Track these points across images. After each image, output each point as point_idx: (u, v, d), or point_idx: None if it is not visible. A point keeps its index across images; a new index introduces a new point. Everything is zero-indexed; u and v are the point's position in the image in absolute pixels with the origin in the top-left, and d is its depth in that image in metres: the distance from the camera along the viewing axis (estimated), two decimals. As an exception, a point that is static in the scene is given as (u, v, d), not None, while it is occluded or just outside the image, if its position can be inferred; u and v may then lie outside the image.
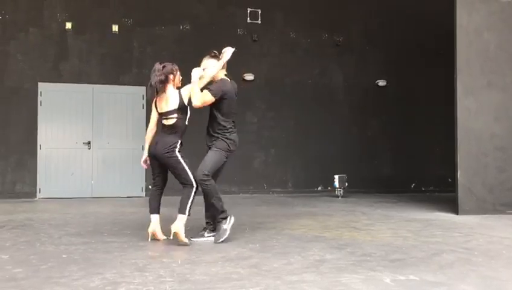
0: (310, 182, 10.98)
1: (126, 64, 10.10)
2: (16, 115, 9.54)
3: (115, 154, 9.98)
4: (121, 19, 10.10)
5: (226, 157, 4.87)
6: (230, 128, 4.89)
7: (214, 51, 4.98)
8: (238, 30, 10.75)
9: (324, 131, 11.09)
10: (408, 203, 8.87)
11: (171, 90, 4.79)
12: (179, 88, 4.83)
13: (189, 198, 4.65)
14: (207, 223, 5.03)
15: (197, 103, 4.70)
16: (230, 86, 4.95)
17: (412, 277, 3.48)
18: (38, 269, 3.70)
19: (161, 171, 4.85)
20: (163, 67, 4.76)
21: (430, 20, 11.36)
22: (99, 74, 10.01)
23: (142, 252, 4.34)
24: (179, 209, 4.65)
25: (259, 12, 10.87)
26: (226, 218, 4.80)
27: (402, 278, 3.46)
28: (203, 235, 4.95)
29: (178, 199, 4.73)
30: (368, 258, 4.12)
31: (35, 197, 9.53)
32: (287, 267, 3.77)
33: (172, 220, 4.74)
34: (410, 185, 11.55)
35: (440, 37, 11.01)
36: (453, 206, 7.51)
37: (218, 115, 4.85)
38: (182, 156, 4.69)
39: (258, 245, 4.67)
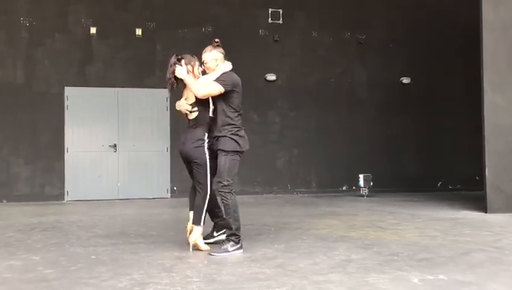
0: (334, 181, 10.91)
1: (150, 67, 10.21)
2: (43, 119, 9.74)
3: (140, 156, 10.10)
4: (144, 23, 10.22)
5: (239, 158, 4.44)
6: (240, 124, 4.46)
7: (216, 40, 4.62)
8: (260, 31, 10.77)
9: (348, 130, 11.01)
10: (435, 202, 8.74)
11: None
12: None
13: (202, 209, 4.46)
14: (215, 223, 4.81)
15: (202, 92, 4.33)
16: (239, 78, 4.56)
17: (441, 277, 3.43)
18: (68, 270, 3.77)
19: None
20: (180, 59, 4.57)
21: (454, 16, 11.17)
22: (123, 78, 10.15)
23: (169, 252, 4.38)
24: (193, 220, 4.46)
25: (281, 12, 10.86)
26: (237, 243, 4.33)
27: (430, 277, 3.42)
28: (212, 236, 4.74)
29: None
30: (395, 257, 4.07)
31: (64, 199, 9.72)
32: (313, 268, 3.75)
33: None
34: (436, 184, 11.37)
35: (465, 32, 10.82)
36: (481, 205, 7.37)
37: (229, 110, 4.40)
38: (209, 156, 4.44)
39: (283, 245, 4.67)
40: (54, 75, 9.84)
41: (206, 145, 4.48)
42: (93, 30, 9.96)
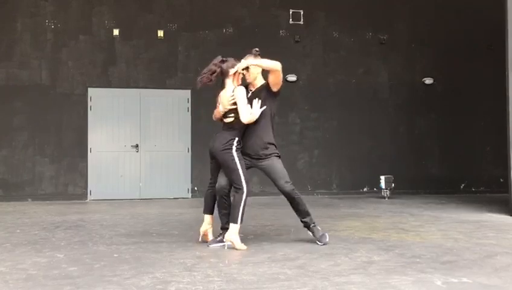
0: (355, 183, 10.83)
1: (172, 69, 10.30)
2: (67, 120, 9.91)
3: (162, 156, 10.19)
4: (166, 24, 10.31)
5: None
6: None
7: (256, 49, 4.82)
8: (281, 31, 10.75)
9: (369, 131, 10.92)
10: (458, 204, 8.61)
11: (229, 87, 4.66)
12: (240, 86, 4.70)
13: (239, 206, 4.52)
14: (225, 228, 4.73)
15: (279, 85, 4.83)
16: None
17: (464, 280, 3.38)
18: (92, 267, 3.83)
19: (218, 171, 4.74)
20: (223, 61, 4.67)
21: (478, 14, 10.97)
22: (146, 79, 10.25)
23: (190, 252, 4.42)
24: (231, 217, 4.53)
25: (302, 13, 10.84)
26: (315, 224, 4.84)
27: (454, 280, 3.37)
28: (221, 241, 4.63)
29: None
30: (418, 260, 4.03)
31: (87, 198, 9.86)
32: (334, 269, 3.74)
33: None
34: (459, 186, 11.19)
35: (489, 31, 10.62)
36: (505, 208, 7.23)
37: (273, 121, 4.80)
38: (238, 157, 4.56)
39: (304, 246, 4.66)
40: (78, 76, 10.00)
41: (234, 148, 4.58)
42: (116, 32, 10.09)
